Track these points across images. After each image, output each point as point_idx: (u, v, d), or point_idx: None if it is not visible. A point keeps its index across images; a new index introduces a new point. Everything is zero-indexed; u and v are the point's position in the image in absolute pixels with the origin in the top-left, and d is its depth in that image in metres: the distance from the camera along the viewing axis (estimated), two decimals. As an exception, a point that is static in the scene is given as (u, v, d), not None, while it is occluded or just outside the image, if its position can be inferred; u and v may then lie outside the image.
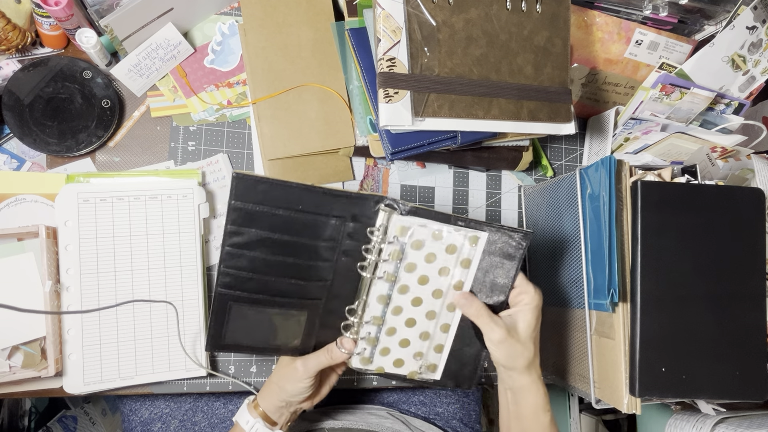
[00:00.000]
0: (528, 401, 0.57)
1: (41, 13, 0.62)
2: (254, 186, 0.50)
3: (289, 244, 0.53)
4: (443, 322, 0.59)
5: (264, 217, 0.52)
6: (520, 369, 0.56)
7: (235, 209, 0.51)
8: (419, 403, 0.82)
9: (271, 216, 0.52)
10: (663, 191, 0.61)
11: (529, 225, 0.81)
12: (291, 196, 0.51)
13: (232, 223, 0.51)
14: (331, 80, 0.72)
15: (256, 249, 0.53)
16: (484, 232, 0.55)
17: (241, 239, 0.52)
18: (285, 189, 0.51)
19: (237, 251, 0.52)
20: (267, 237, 0.52)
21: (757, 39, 0.75)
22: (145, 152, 0.69)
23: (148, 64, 0.68)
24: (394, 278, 0.56)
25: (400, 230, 0.54)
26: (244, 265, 0.53)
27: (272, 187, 0.51)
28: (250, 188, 0.50)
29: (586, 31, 0.77)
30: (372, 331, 0.58)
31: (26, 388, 0.62)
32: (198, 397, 0.75)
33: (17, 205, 0.63)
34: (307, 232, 0.53)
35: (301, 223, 0.53)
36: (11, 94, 0.63)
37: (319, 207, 0.53)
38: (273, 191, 0.51)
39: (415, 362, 0.60)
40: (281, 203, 0.52)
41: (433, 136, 0.64)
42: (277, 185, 0.51)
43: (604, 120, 0.81)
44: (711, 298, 0.60)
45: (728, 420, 0.72)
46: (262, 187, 0.51)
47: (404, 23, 0.58)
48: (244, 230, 0.52)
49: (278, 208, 0.52)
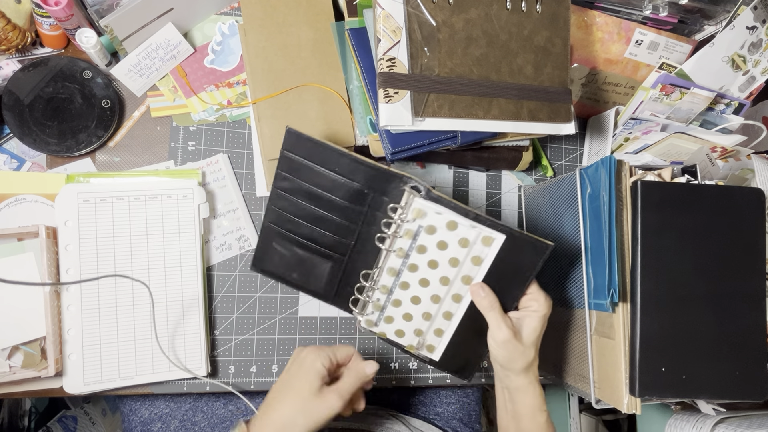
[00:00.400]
0: (525, 402, 0.57)
1: (41, 13, 0.62)
2: (301, 142, 0.58)
3: (324, 198, 0.61)
4: (446, 309, 0.62)
5: (306, 170, 0.59)
6: (517, 371, 0.56)
7: (285, 158, 0.59)
8: (419, 403, 0.82)
9: (311, 171, 0.59)
10: (663, 191, 0.61)
11: (529, 225, 0.81)
12: (330, 157, 0.58)
13: (281, 168, 0.60)
14: (331, 80, 0.72)
15: (297, 195, 0.61)
16: (500, 235, 0.56)
17: (286, 184, 0.61)
18: (325, 150, 0.58)
19: (282, 194, 0.62)
20: (307, 188, 0.60)
21: (757, 39, 0.75)
22: (145, 152, 0.69)
23: (148, 64, 0.68)
24: (406, 255, 0.59)
25: (416, 212, 0.57)
26: (286, 207, 0.62)
27: (315, 146, 0.58)
28: (297, 143, 0.58)
29: (586, 31, 0.77)
30: (381, 299, 0.63)
31: (26, 388, 0.62)
32: (198, 397, 0.75)
33: (17, 205, 0.63)
34: (339, 192, 0.60)
35: (335, 184, 0.59)
36: (11, 94, 0.63)
37: (352, 173, 0.59)
38: (315, 150, 0.58)
39: (415, 338, 0.64)
40: (321, 162, 0.59)
41: (433, 136, 0.64)
42: (319, 145, 0.58)
43: (604, 120, 0.81)
44: (711, 298, 0.60)
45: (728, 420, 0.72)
46: (308, 144, 0.58)
47: (404, 23, 0.58)
48: (289, 177, 0.60)
49: (318, 165, 0.59)
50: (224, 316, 0.69)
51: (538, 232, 0.77)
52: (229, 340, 0.69)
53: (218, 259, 0.69)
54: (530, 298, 0.57)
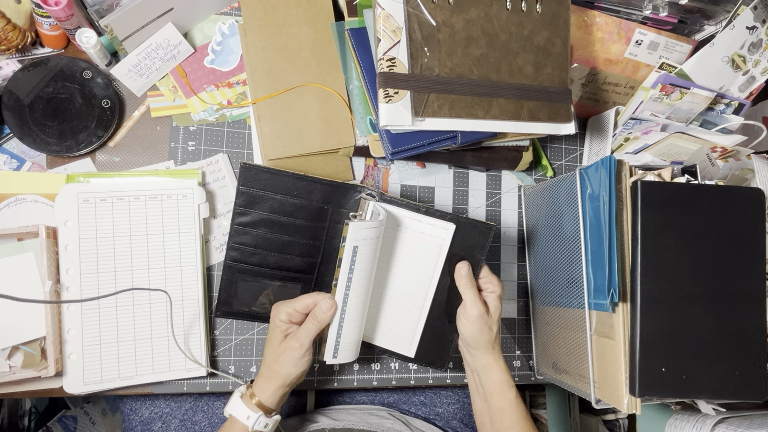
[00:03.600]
0: (493, 378, 0.62)
1: (41, 13, 0.62)
2: (257, 174, 0.61)
3: (286, 224, 0.63)
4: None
5: (266, 200, 0.62)
6: (485, 346, 0.61)
7: (242, 193, 0.61)
8: (419, 403, 0.82)
9: (271, 200, 0.62)
10: (663, 191, 0.61)
11: (529, 225, 0.81)
12: (287, 183, 0.62)
13: (239, 204, 0.62)
14: (331, 80, 0.72)
15: (258, 227, 0.63)
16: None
17: (246, 219, 0.62)
18: (282, 177, 0.61)
19: (243, 229, 0.63)
20: (267, 217, 0.63)
21: (757, 39, 0.75)
22: (145, 152, 0.69)
23: (148, 64, 0.68)
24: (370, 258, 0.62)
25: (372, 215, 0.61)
26: (248, 241, 0.63)
27: (272, 176, 0.61)
28: (253, 176, 0.61)
29: (586, 31, 0.77)
30: None
31: (26, 388, 0.62)
32: (198, 397, 0.75)
33: (17, 205, 0.63)
34: (301, 214, 0.63)
35: (296, 207, 0.63)
36: (11, 94, 0.63)
37: (311, 194, 0.62)
38: (272, 179, 0.61)
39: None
40: (279, 189, 0.62)
41: (433, 136, 0.64)
42: (276, 174, 0.61)
43: (604, 120, 0.81)
44: (711, 298, 0.60)
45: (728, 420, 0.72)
46: (264, 176, 0.61)
47: (404, 23, 0.58)
48: (248, 211, 0.62)
49: (277, 193, 0.62)
50: (224, 316, 0.69)
51: (538, 232, 0.77)
52: (229, 340, 0.69)
53: (218, 259, 0.69)
54: (486, 281, 0.63)
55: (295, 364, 0.57)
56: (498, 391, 0.61)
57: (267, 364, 0.59)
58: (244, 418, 0.58)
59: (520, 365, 0.80)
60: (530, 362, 0.80)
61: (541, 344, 0.77)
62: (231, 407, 0.59)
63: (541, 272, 0.76)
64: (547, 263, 0.74)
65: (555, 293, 0.72)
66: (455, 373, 0.77)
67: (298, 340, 0.57)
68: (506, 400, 0.61)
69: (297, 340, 0.57)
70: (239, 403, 0.58)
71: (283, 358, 0.58)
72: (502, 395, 0.61)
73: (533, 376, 0.79)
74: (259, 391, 0.58)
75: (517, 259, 0.82)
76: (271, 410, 0.59)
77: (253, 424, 0.57)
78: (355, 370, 0.73)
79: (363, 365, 0.74)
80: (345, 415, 0.75)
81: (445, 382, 0.76)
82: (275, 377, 0.58)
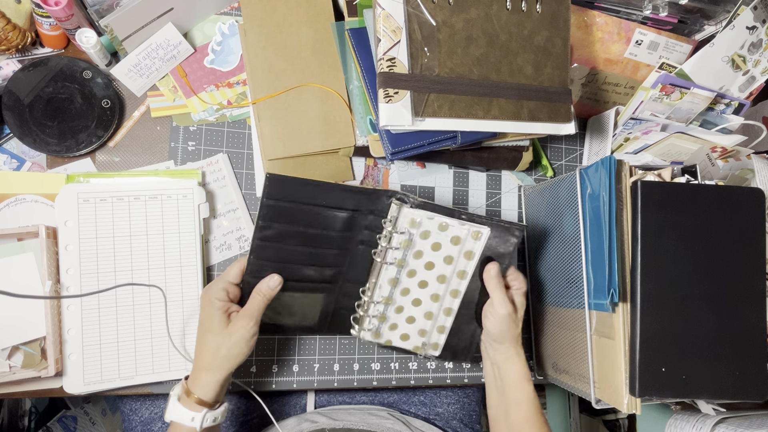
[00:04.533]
0: (515, 370, 0.62)
1: (41, 13, 0.62)
2: (284, 186, 0.56)
3: (314, 236, 0.59)
4: (446, 306, 0.65)
5: (291, 212, 0.57)
6: (510, 341, 0.62)
7: (267, 206, 0.56)
8: (419, 403, 0.82)
9: (298, 211, 0.57)
10: (663, 191, 0.61)
11: (529, 225, 0.81)
12: (316, 193, 0.57)
13: (263, 218, 0.56)
14: (331, 80, 0.72)
15: (283, 240, 0.58)
16: (486, 228, 0.61)
17: (271, 233, 0.57)
18: (310, 187, 0.57)
19: (266, 244, 0.58)
20: (296, 231, 0.58)
21: (757, 39, 0.75)
22: (145, 152, 0.69)
23: (148, 64, 0.68)
24: (403, 263, 0.62)
25: (410, 222, 0.60)
26: (271, 255, 0.58)
27: (300, 187, 0.56)
28: (281, 187, 0.56)
29: (586, 31, 0.77)
30: (381, 309, 0.64)
31: (26, 388, 0.62)
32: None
33: (17, 205, 0.63)
34: (328, 224, 0.59)
35: (324, 217, 0.58)
36: (11, 94, 0.63)
37: (342, 202, 0.58)
38: (300, 190, 0.56)
39: (419, 339, 0.67)
40: (308, 199, 0.57)
41: (433, 136, 0.64)
42: (303, 184, 0.56)
43: (604, 120, 0.81)
44: (711, 298, 0.60)
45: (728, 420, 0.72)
46: (294, 186, 0.56)
47: (404, 23, 0.58)
48: (273, 225, 0.57)
49: (304, 204, 0.57)
50: (224, 316, 0.69)
51: (538, 232, 0.77)
52: (229, 340, 0.69)
53: (218, 259, 0.69)
54: (512, 278, 0.64)
55: (247, 343, 0.55)
56: (517, 384, 0.62)
57: (208, 354, 0.55)
58: (188, 420, 0.53)
59: (520, 365, 0.80)
60: (530, 362, 0.80)
61: (541, 344, 0.77)
62: (171, 412, 0.54)
63: (541, 272, 0.76)
64: (547, 263, 0.74)
65: (555, 293, 0.72)
66: (455, 374, 0.77)
67: (249, 316, 0.55)
68: (525, 393, 0.61)
69: (249, 318, 0.55)
70: (178, 407, 0.54)
71: (235, 338, 0.55)
72: (521, 388, 0.61)
73: (533, 376, 0.79)
74: (198, 386, 0.54)
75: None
76: (214, 403, 0.55)
77: (200, 424, 0.54)
78: (355, 370, 0.73)
79: (363, 365, 0.74)
80: (345, 415, 0.75)
81: (445, 383, 0.76)
82: (223, 365, 0.55)
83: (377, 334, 0.65)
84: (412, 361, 0.75)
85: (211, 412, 0.55)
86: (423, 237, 0.61)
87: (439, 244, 0.61)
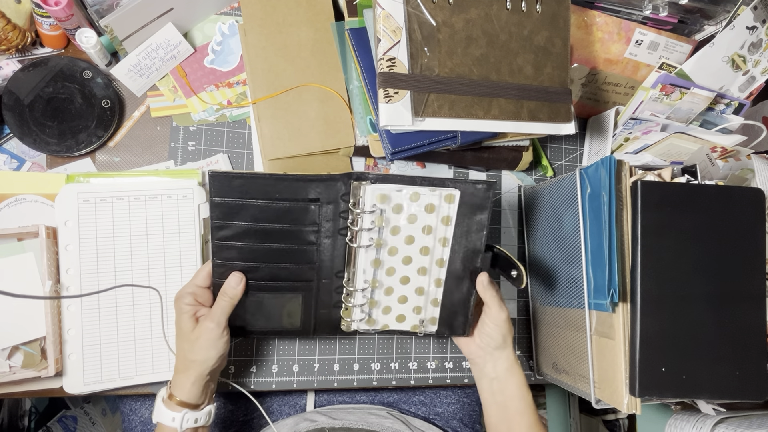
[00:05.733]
0: (515, 380, 0.62)
1: (41, 13, 0.62)
2: (230, 182, 0.54)
3: (273, 231, 0.57)
4: (436, 277, 0.63)
5: (245, 209, 0.55)
6: (511, 346, 0.62)
7: (217, 205, 0.55)
8: (419, 403, 0.82)
9: (252, 207, 0.55)
10: (663, 191, 0.61)
11: (529, 225, 0.81)
12: (267, 186, 0.55)
13: (216, 218, 0.55)
14: (331, 80, 0.72)
15: (243, 239, 0.57)
16: (456, 190, 0.58)
17: (228, 232, 0.56)
18: (260, 180, 0.54)
19: (226, 243, 0.56)
20: (251, 227, 0.56)
21: (757, 39, 0.75)
22: (145, 152, 0.69)
23: (148, 64, 0.68)
24: (382, 242, 0.60)
25: (380, 198, 0.57)
26: (234, 256, 0.57)
27: (247, 181, 0.54)
28: (226, 184, 0.54)
29: (586, 31, 0.77)
30: (369, 295, 0.62)
31: (26, 388, 0.62)
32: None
33: (17, 205, 0.63)
34: (288, 218, 0.57)
35: (282, 211, 0.56)
36: (11, 94, 0.63)
37: (295, 193, 0.56)
38: (249, 184, 0.54)
39: (416, 316, 0.65)
40: (259, 194, 0.55)
41: (433, 136, 0.64)
42: (251, 178, 0.54)
43: (604, 120, 0.81)
44: (711, 298, 0.60)
45: (728, 420, 0.72)
46: (238, 182, 0.54)
47: (404, 23, 0.58)
48: (228, 223, 0.56)
49: (257, 199, 0.55)
50: (224, 316, 0.69)
51: (538, 232, 0.77)
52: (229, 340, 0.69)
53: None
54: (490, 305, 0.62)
55: (213, 346, 0.55)
56: (519, 394, 0.61)
57: (181, 356, 0.56)
58: (169, 420, 0.55)
59: (520, 365, 0.80)
60: (530, 362, 0.80)
61: (541, 344, 0.77)
62: (155, 414, 0.56)
63: (541, 272, 0.76)
64: (547, 263, 0.74)
65: (555, 293, 0.72)
66: (455, 374, 0.77)
67: (212, 320, 0.55)
68: (526, 402, 0.61)
69: (211, 320, 0.55)
70: (161, 408, 0.55)
71: (200, 342, 0.55)
72: (522, 398, 0.61)
73: (533, 376, 0.79)
74: (176, 388, 0.56)
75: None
76: (197, 404, 0.56)
77: (180, 425, 0.54)
78: (355, 370, 0.73)
79: (363, 365, 0.74)
80: (344, 414, 0.75)
81: (445, 382, 0.76)
82: (192, 367, 0.55)
83: (372, 321, 0.64)
84: (412, 361, 0.75)
85: (192, 413, 0.55)
86: (396, 211, 0.58)
87: (414, 216, 0.59)
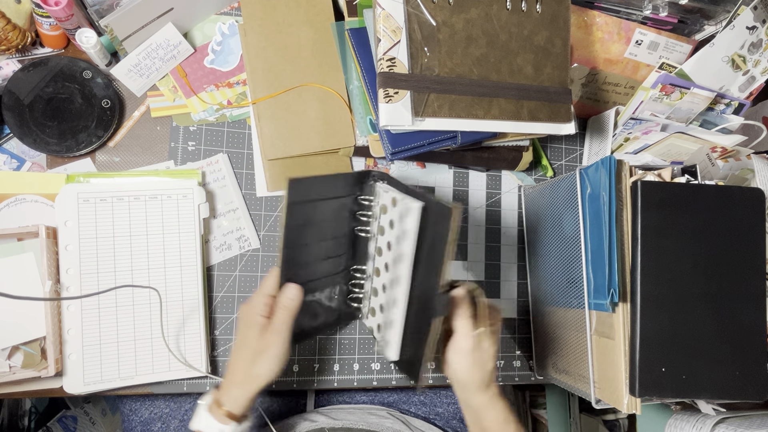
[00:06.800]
0: (490, 417, 0.56)
1: (41, 13, 0.62)
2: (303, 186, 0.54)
3: (323, 229, 0.59)
4: (392, 296, 0.57)
5: (309, 210, 0.56)
6: (477, 385, 0.55)
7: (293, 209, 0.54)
8: (419, 403, 0.82)
9: (311, 208, 0.56)
10: (663, 191, 0.61)
11: (529, 225, 0.81)
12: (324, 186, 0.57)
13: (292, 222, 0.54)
14: (331, 80, 0.72)
15: (304, 241, 0.57)
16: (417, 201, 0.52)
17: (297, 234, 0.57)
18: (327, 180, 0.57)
19: (297, 245, 0.57)
20: (311, 228, 0.57)
21: (757, 39, 0.75)
22: (145, 152, 0.69)
23: (148, 64, 0.68)
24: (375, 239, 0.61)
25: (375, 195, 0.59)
26: (299, 259, 0.58)
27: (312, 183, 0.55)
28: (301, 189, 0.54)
29: (586, 31, 0.77)
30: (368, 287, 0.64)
31: (26, 388, 0.62)
32: (198, 396, 0.75)
33: (17, 205, 0.63)
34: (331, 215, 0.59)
35: (328, 208, 0.58)
36: (11, 94, 0.63)
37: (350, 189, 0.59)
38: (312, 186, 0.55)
39: (378, 333, 0.62)
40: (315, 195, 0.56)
41: (433, 136, 0.64)
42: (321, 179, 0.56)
43: (604, 120, 0.81)
44: (711, 298, 0.60)
45: (728, 420, 0.72)
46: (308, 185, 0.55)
47: (404, 23, 0.58)
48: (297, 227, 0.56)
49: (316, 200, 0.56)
50: (224, 316, 0.69)
51: (538, 233, 0.77)
52: (229, 340, 0.69)
53: (218, 259, 0.69)
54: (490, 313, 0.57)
55: (279, 360, 0.54)
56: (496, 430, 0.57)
57: (241, 368, 0.55)
58: (216, 431, 0.54)
59: (520, 365, 0.80)
60: (530, 362, 0.80)
61: (541, 344, 0.77)
62: (199, 422, 0.54)
63: (541, 272, 0.76)
64: (547, 263, 0.74)
65: (555, 293, 0.72)
66: (455, 373, 0.77)
67: (278, 333, 0.54)
68: None
69: (277, 334, 0.54)
70: (208, 417, 0.54)
71: (266, 356, 0.54)
72: None
73: (533, 376, 0.79)
74: (230, 400, 0.54)
75: (517, 259, 0.82)
76: (241, 417, 0.55)
77: None
78: (355, 370, 0.73)
79: (363, 365, 0.74)
80: (344, 415, 0.75)
81: (445, 382, 0.76)
82: (254, 382, 0.54)
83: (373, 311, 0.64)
84: (412, 361, 0.75)
85: (239, 426, 0.54)
86: (382, 212, 0.59)
87: (392, 222, 0.57)
